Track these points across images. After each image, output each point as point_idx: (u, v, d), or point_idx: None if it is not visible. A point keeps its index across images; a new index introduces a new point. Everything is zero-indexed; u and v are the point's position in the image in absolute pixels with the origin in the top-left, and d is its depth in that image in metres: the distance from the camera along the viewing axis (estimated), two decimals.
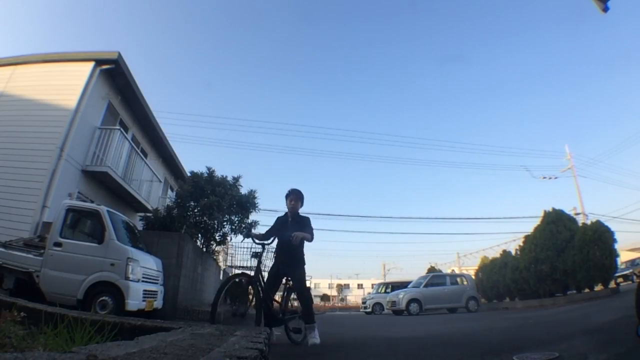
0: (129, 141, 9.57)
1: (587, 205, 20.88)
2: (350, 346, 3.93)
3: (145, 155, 11.59)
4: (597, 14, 4.26)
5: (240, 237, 10.07)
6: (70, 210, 5.68)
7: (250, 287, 3.53)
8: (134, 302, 5.23)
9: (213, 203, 9.09)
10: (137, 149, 10.28)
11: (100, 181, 8.85)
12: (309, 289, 3.94)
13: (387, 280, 28.55)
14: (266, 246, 3.73)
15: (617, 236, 11.03)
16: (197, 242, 9.61)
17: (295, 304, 4.15)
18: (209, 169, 10.21)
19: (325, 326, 7.57)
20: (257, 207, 10.45)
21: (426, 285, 13.93)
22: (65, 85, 8.18)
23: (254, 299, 3.43)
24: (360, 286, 53.98)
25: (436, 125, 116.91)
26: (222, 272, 14.10)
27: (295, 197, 4.00)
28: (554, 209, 12.76)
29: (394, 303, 13.90)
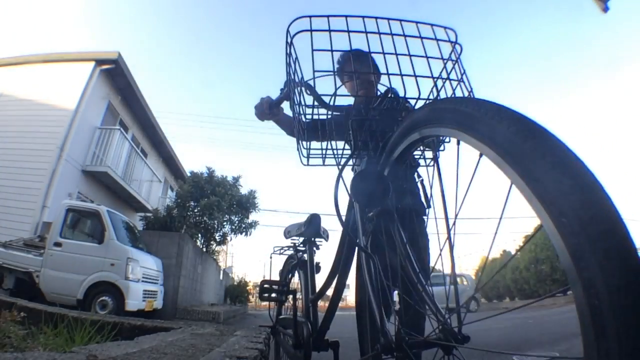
0: (129, 141, 9.57)
1: None
2: (349, 346, 3.93)
3: (145, 155, 11.59)
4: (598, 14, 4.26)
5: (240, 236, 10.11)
6: (70, 210, 5.68)
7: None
8: (134, 302, 5.24)
9: (213, 203, 9.11)
10: (137, 149, 10.28)
11: (100, 181, 8.85)
12: None
13: None
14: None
15: None
16: (197, 242, 9.62)
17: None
18: (209, 169, 10.25)
19: None
20: (257, 207, 10.47)
21: None
22: (66, 85, 8.18)
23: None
24: None
25: None
26: (222, 272, 14.11)
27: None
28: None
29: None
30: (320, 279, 1.48)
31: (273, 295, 1.59)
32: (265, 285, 1.58)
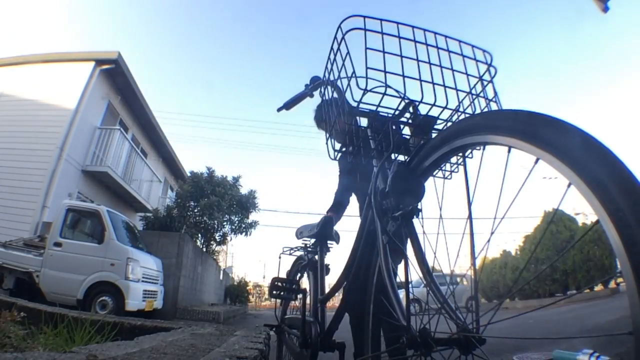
0: (129, 141, 9.57)
1: None
2: (350, 346, 3.92)
3: (145, 155, 11.59)
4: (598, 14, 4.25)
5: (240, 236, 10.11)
6: (70, 210, 5.68)
7: None
8: (134, 302, 5.24)
9: (213, 203, 9.11)
10: (137, 149, 10.28)
11: (100, 181, 8.85)
12: None
13: None
14: None
15: None
16: (197, 242, 9.62)
17: None
18: (209, 169, 10.24)
19: None
20: (257, 207, 10.48)
21: None
22: (65, 85, 8.18)
23: None
24: None
25: None
26: (222, 272, 14.11)
27: None
28: (554, 209, 12.76)
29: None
30: (328, 281, 1.53)
31: (283, 293, 1.58)
32: (277, 283, 1.57)
